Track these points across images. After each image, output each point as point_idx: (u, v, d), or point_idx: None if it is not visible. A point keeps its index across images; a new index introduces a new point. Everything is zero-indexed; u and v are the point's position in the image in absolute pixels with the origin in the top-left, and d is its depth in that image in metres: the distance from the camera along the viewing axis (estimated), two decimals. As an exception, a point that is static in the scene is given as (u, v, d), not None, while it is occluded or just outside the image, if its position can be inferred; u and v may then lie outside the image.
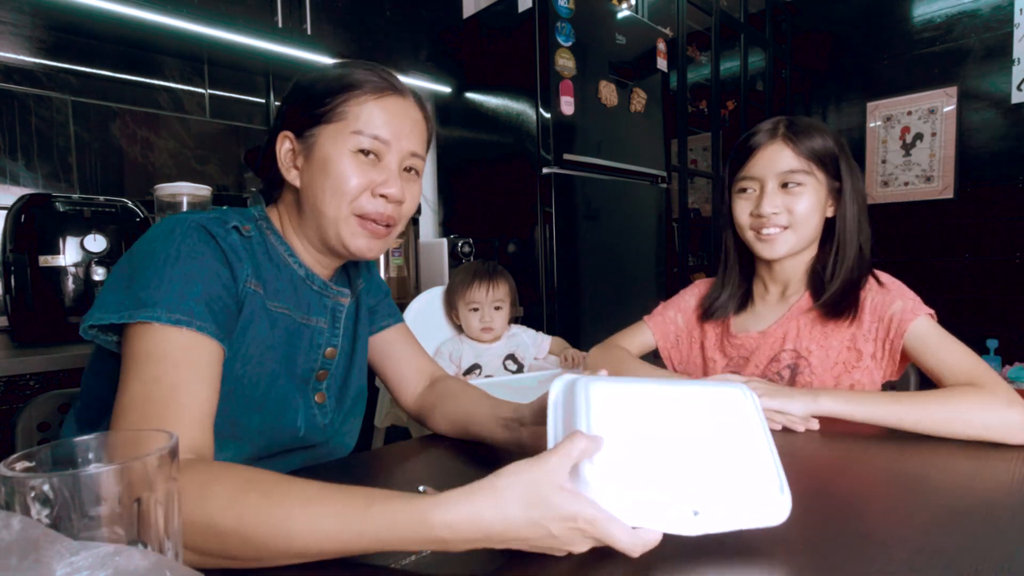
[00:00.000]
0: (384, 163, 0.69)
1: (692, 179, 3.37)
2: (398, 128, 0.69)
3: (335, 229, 0.69)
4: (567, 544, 0.44)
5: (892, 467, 0.67)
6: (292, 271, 0.72)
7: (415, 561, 0.47)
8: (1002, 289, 3.06)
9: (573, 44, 2.04)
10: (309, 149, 0.69)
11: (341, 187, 0.67)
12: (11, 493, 0.32)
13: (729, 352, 1.05)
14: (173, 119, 1.82)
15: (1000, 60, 3.04)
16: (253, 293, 0.65)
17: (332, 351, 0.75)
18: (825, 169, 0.95)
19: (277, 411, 0.68)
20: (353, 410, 0.82)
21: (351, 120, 0.68)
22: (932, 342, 0.87)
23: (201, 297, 0.58)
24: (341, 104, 0.68)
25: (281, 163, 0.70)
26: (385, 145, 0.69)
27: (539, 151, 2.00)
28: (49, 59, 1.59)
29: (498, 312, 1.57)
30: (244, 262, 0.64)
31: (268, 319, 0.67)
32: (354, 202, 0.68)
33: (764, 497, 0.45)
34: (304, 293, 0.73)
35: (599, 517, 0.43)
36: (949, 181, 3.20)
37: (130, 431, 0.40)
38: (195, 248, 0.60)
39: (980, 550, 0.46)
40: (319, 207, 0.68)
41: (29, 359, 1.07)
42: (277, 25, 1.66)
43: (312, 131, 0.68)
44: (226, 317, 0.61)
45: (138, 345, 0.55)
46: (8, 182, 1.53)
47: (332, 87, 0.69)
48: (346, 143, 0.67)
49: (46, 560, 0.28)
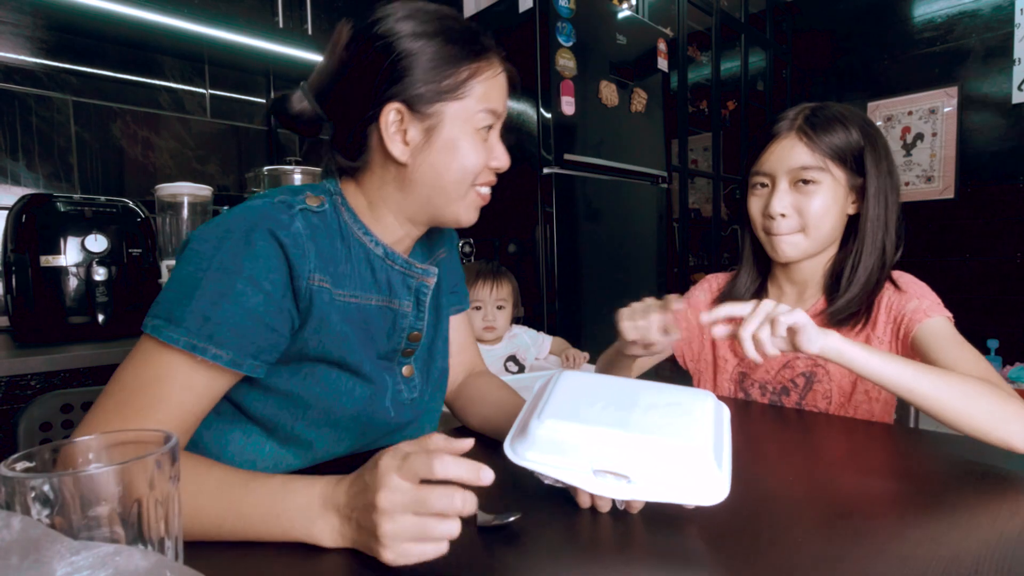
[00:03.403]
0: (493, 134, 0.69)
1: (693, 179, 3.37)
2: (505, 99, 0.70)
3: (454, 206, 0.68)
4: (387, 517, 0.43)
5: (891, 465, 0.67)
6: (368, 250, 0.68)
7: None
8: (1002, 289, 3.06)
9: (574, 44, 2.04)
10: (432, 127, 0.64)
11: (470, 167, 0.66)
12: (11, 493, 0.32)
13: (740, 352, 1.01)
14: (174, 119, 1.82)
15: (1001, 60, 3.04)
16: (319, 289, 0.61)
17: (417, 335, 0.73)
18: (845, 165, 0.88)
19: (366, 396, 0.68)
20: (440, 385, 0.81)
21: (479, 97, 0.65)
22: (943, 343, 0.79)
23: (229, 321, 0.55)
24: (469, 78, 0.64)
25: (387, 137, 0.64)
26: (499, 119, 0.69)
27: (540, 151, 2.00)
28: (50, 59, 1.59)
29: (501, 312, 1.57)
30: (308, 254, 0.60)
31: (339, 312, 0.64)
32: (476, 177, 0.68)
33: (701, 473, 0.47)
34: (383, 272, 0.69)
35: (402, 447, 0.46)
36: (950, 181, 3.20)
37: (130, 431, 0.40)
38: (240, 260, 0.56)
39: (980, 550, 0.46)
40: (442, 185, 0.66)
41: (30, 359, 1.07)
42: (278, 25, 1.66)
43: (434, 107, 0.63)
44: (263, 336, 0.58)
45: (149, 347, 0.55)
46: (9, 182, 1.53)
47: (463, 54, 0.64)
48: (472, 121, 0.65)
49: (46, 560, 0.28)
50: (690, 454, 0.48)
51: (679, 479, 0.48)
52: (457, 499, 0.43)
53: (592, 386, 0.58)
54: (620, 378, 0.61)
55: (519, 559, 0.47)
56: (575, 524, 0.53)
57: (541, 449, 0.50)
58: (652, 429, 0.49)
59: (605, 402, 0.54)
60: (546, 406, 0.53)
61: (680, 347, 1.10)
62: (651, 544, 0.49)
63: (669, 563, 0.46)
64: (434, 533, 0.43)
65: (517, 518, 0.51)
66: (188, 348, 0.54)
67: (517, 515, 0.51)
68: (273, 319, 0.58)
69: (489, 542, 0.49)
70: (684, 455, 0.48)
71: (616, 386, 0.58)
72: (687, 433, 0.50)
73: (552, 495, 0.58)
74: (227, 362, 0.55)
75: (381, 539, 0.43)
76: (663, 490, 0.48)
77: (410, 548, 0.43)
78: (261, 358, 0.58)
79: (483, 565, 0.46)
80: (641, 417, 0.51)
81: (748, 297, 1.01)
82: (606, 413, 0.52)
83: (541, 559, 0.46)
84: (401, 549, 0.43)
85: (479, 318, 1.56)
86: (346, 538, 0.47)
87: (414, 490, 0.43)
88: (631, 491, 0.48)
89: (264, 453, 0.67)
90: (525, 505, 0.56)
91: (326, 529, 0.48)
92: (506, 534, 0.50)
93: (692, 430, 0.50)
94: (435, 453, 0.44)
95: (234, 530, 0.49)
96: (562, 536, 0.51)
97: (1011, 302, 3.04)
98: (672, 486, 0.48)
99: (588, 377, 0.60)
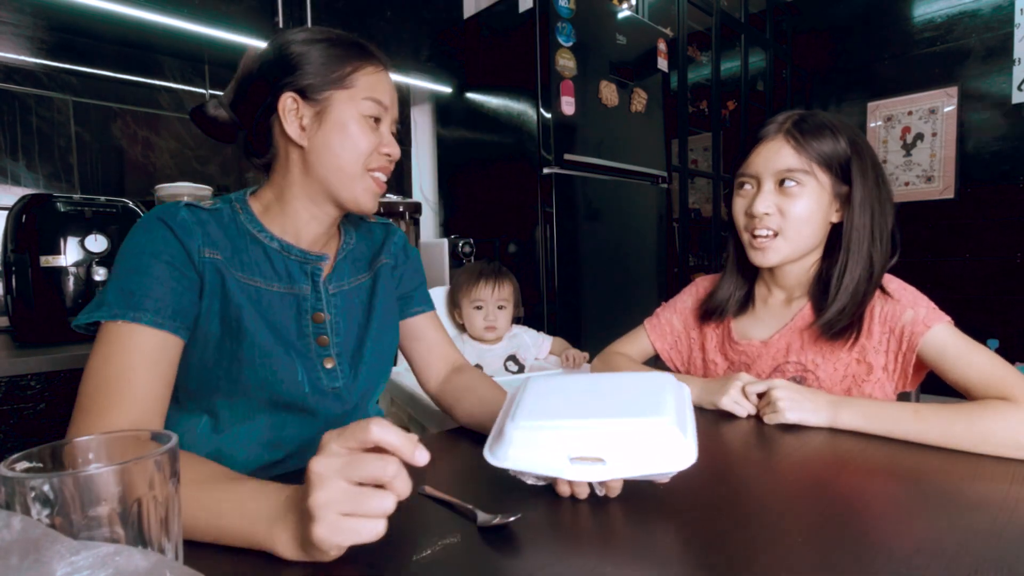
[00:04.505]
0: (383, 127, 0.78)
1: (693, 179, 3.37)
2: (392, 97, 0.79)
3: (351, 187, 0.76)
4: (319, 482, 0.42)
5: (891, 466, 0.67)
6: (264, 245, 0.76)
7: (425, 558, 0.47)
8: (1002, 289, 3.06)
9: (574, 44, 2.04)
10: (322, 111, 0.74)
11: (359, 146, 0.75)
12: (11, 493, 0.32)
13: (731, 356, 1.01)
14: (173, 119, 1.82)
15: (1001, 60, 3.04)
16: (211, 260, 0.70)
17: (320, 315, 0.79)
18: (830, 171, 0.88)
19: (270, 366, 0.73)
20: (375, 382, 0.86)
21: (362, 88, 0.75)
22: (952, 352, 0.80)
23: (142, 290, 0.65)
24: (353, 72, 0.75)
25: (286, 122, 0.73)
26: (385, 111, 0.77)
27: (540, 151, 1.99)
28: (50, 59, 1.59)
29: (502, 311, 1.57)
30: (195, 234, 0.70)
31: (238, 286, 0.72)
32: (367, 159, 0.76)
33: (668, 443, 0.50)
34: (281, 263, 0.77)
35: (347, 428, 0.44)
36: (950, 181, 3.20)
37: (130, 431, 0.40)
38: (142, 243, 0.68)
39: (980, 550, 0.46)
40: (338, 165, 0.74)
41: (30, 359, 1.07)
42: (278, 25, 1.66)
43: (324, 94, 0.74)
44: (175, 298, 0.67)
45: (97, 339, 0.64)
46: (9, 182, 1.53)
47: (346, 55, 0.75)
48: (358, 108, 0.74)
49: (46, 560, 0.28)
50: (655, 427, 0.51)
51: (648, 452, 0.51)
52: (391, 467, 0.42)
53: (558, 386, 0.63)
54: (582, 375, 0.67)
55: (519, 559, 0.47)
56: (575, 524, 0.53)
57: (519, 450, 0.54)
58: (617, 412, 0.54)
59: (571, 397, 0.59)
60: (518, 410, 0.57)
61: (668, 354, 1.11)
62: (651, 544, 0.49)
63: (669, 563, 0.46)
64: (367, 505, 0.41)
65: (517, 518, 0.51)
66: (114, 318, 0.63)
67: (517, 515, 0.52)
68: (178, 283, 0.68)
69: (489, 542, 0.49)
70: (650, 429, 0.51)
71: (579, 382, 0.64)
72: (650, 410, 0.53)
73: (552, 495, 0.58)
74: (149, 322, 0.64)
75: (313, 510, 0.42)
76: (636, 465, 0.51)
77: (342, 522, 0.41)
78: (179, 319, 0.67)
79: (483, 565, 0.46)
80: (606, 403, 0.56)
81: (734, 304, 1.02)
82: (573, 406, 0.56)
83: (541, 559, 0.46)
84: (332, 522, 0.41)
85: (480, 318, 1.56)
86: (296, 540, 0.45)
87: (348, 454, 0.43)
88: (608, 472, 0.51)
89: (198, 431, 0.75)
90: (525, 505, 0.56)
91: (285, 532, 0.46)
92: (506, 534, 0.50)
93: (654, 407, 0.54)
94: (376, 420, 0.43)
95: (207, 529, 0.49)
96: (562, 536, 0.51)
97: (1011, 302, 3.04)
98: (643, 460, 0.51)
99: (553, 379, 0.66)
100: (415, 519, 0.54)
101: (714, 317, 1.03)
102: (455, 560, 0.46)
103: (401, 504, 0.43)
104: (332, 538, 0.42)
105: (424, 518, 0.54)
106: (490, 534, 0.50)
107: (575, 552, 0.48)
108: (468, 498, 0.56)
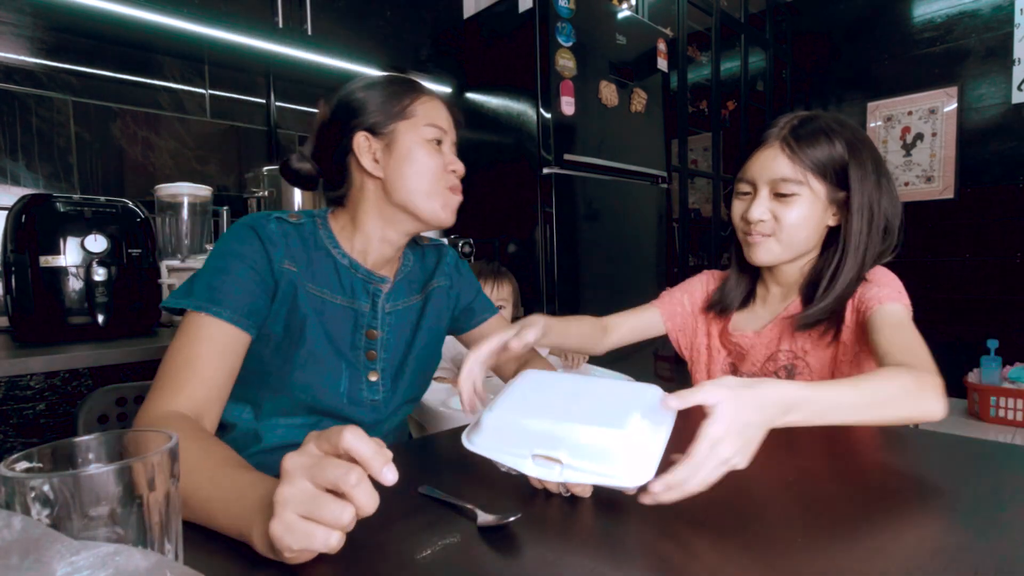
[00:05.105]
0: (445, 147, 0.87)
1: (692, 179, 3.37)
2: (448, 121, 0.88)
3: (429, 203, 0.83)
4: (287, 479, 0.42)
5: (890, 465, 0.67)
6: (336, 260, 0.84)
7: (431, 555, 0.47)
8: (1002, 289, 3.06)
9: (573, 44, 2.04)
10: (390, 142, 0.83)
11: (428, 166, 0.83)
12: (11, 493, 0.32)
13: (729, 346, 1.06)
14: (173, 119, 1.82)
15: (1000, 60, 3.04)
16: (288, 271, 0.78)
17: (373, 332, 0.86)
18: (825, 179, 0.89)
19: (318, 371, 0.80)
20: (411, 397, 0.92)
21: (421, 116, 0.84)
22: (888, 327, 0.80)
23: (225, 288, 0.72)
24: (411, 103, 0.84)
25: (361, 157, 0.83)
26: (444, 134, 0.86)
27: (539, 151, 2.00)
28: (50, 59, 1.59)
29: (501, 311, 1.57)
30: (279, 246, 0.78)
31: (307, 297, 0.79)
32: (437, 178, 0.84)
33: (623, 457, 0.51)
34: (347, 279, 0.84)
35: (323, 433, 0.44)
36: (949, 181, 3.20)
37: (131, 431, 0.40)
38: (230, 246, 0.76)
39: (980, 550, 0.46)
40: (411, 185, 0.82)
41: (30, 359, 1.06)
42: (277, 25, 1.66)
43: (389, 127, 0.83)
44: (251, 300, 0.74)
45: (181, 325, 0.72)
46: (9, 182, 1.53)
47: (402, 90, 0.85)
48: (420, 134, 0.83)
49: (47, 560, 0.28)
50: (613, 439, 0.52)
51: (603, 462, 0.51)
52: (353, 476, 0.40)
53: (547, 383, 0.65)
54: (577, 375, 0.69)
55: (519, 559, 0.47)
56: (575, 524, 0.53)
57: (490, 438, 0.57)
58: (584, 418, 0.54)
59: (553, 397, 0.60)
60: (500, 399, 0.60)
61: (676, 334, 1.13)
62: (652, 544, 0.49)
63: (670, 563, 0.46)
64: (323, 511, 0.40)
65: (517, 518, 0.51)
66: (198, 309, 0.71)
67: (517, 515, 0.52)
68: (256, 287, 0.75)
69: (489, 542, 0.49)
70: (607, 440, 0.52)
71: (569, 383, 0.65)
72: (616, 421, 0.53)
73: (552, 494, 0.58)
74: (227, 318, 0.71)
75: (274, 505, 0.41)
76: (590, 473, 0.52)
77: (296, 523, 0.40)
78: (252, 319, 0.74)
79: (483, 565, 0.46)
80: (578, 408, 0.57)
81: (739, 300, 1.04)
82: (549, 405, 0.58)
83: (541, 559, 0.46)
84: (288, 521, 0.40)
85: (479, 318, 1.56)
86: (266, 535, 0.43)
87: (320, 456, 0.42)
88: (564, 474, 0.53)
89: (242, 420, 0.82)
90: (525, 505, 0.56)
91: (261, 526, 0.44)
92: (506, 534, 0.50)
93: (622, 419, 0.54)
94: (352, 428, 0.42)
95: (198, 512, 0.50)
96: (562, 536, 0.51)
97: (1011, 302, 3.04)
98: (598, 468, 0.52)
99: (546, 376, 0.67)
100: (415, 519, 0.54)
101: (715, 310, 1.07)
102: (455, 560, 0.46)
103: (401, 504, 0.42)
104: (284, 537, 0.40)
105: (424, 518, 0.54)
106: (490, 534, 0.50)
107: (575, 552, 0.48)
108: (468, 498, 0.56)
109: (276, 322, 0.78)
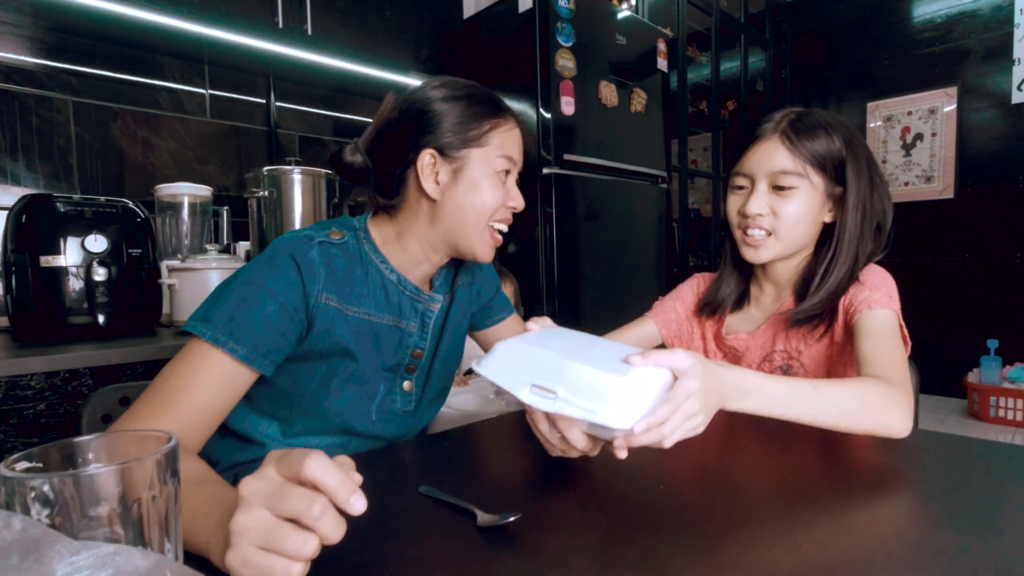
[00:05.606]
0: (511, 179, 0.81)
1: (692, 179, 3.37)
2: (520, 151, 0.83)
3: (473, 240, 0.79)
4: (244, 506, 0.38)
5: (890, 465, 0.67)
6: (383, 276, 0.80)
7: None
8: (1002, 289, 3.06)
9: (573, 44, 2.04)
10: (458, 168, 0.77)
11: (489, 203, 0.78)
12: (11, 493, 0.32)
13: (724, 349, 1.05)
14: (173, 119, 1.82)
15: (1000, 60, 3.04)
16: (325, 306, 0.73)
17: (420, 352, 0.84)
18: (824, 173, 0.89)
19: (353, 395, 0.77)
20: (435, 401, 0.90)
21: (497, 145, 0.78)
22: (872, 334, 0.79)
23: (248, 324, 0.67)
24: (490, 131, 0.78)
25: (423, 177, 0.77)
26: (515, 166, 0.81)
27: (539, 151, 2.00)
28: (50, 59, 1.59)
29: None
30: (319, 277, 0.73)
31: (346, 325, 0.75)
32: (493, 214, 0.79)
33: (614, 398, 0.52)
34: (395, 296, 0.80)
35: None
36: (949, 181, 3.20)
37: (130, 431, 0.40)
38: (264, 278, 0.70)
39: (980, 550, 0.46)
40: (463, 219, 0.78)
41: (30, 359, 1.06)
42: (277, 25, 1.66)
43: (461, 152, 0.77)
44: (273, 340, 0.69)
45: (189, 344, 0.67)
46: (9, 182, 1.53)
47: (483, 112, 0.78)
48: (491, 165, 0.78)
49: (47, 560, 0.28)
50: (608, 382, 0.53)
51: (596, 400, 0.53)
52: (316, 507, 0.36)
53: (572, 334, 0.65)
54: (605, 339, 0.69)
55: (519, 559, 0.47)
56: (575, 524, 0.53)
57: (496, 363, 0.59)
58: (589, 361, 0.55)
59: (570, 342, 0.61)
60: (521, 336, 0.61)
61: (672, 341, 1.13)
62: (652, 545, 0.49)
63: (670, 563, 0.46)
64: (283, 542, 0.37)
65: (517, 518, 0.51)
66: (213, 341, 0.65)
67: (517, 515, 0.52)
68: (284, 326, 0.70)
69: (489, 542, 0.49)
70: (603, 381, 0.53)
71: (592, 338, 0.65)
72: (617, 369, 0.54)
73: (552, 495, 0.58)
74: (241, 356, 0.66)
75: (229, 535, 0.38)
76: (579, 407, 0.53)
77: (254, 556, 0.37)
78: (270, 358, 0.69)
79: (483, 565, 0.46)
80: (589, 353, 0.57)
81: (730, 301, 1.04)
82: (562, 346, 0.59)
83: (541, 559, 0.46)
84: (244, 553, 0.37)
85: (479, 318, 1.56)
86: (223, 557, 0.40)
87: (279, 482, 0.38)
88: (556, 405, 0.54)
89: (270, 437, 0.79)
90: (525, 505, 0.56)
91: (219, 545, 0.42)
92: (506, 534, 0.50)
93: (624, 370, 0.54)
94: (316, 451, 0.38)
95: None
96: (562, 536, 0.51)
97: (1011, 302, 3.04)
98: (588, 405, 0.53)
99: (575, 332, 0.67)
100: (415, 519, 0.54)
101: (709, 312, 1.06)
102: (455, 560, 0.46)
103: (401, 504, 0.42)
104: (240, 570, 0.37)
105: (424, 518, 0.54)
106: (490, 534, 0.50)
107: (575, 552, 0.48)
108: (468, 498, 0.56)
109: (310, 354, 0.74)
